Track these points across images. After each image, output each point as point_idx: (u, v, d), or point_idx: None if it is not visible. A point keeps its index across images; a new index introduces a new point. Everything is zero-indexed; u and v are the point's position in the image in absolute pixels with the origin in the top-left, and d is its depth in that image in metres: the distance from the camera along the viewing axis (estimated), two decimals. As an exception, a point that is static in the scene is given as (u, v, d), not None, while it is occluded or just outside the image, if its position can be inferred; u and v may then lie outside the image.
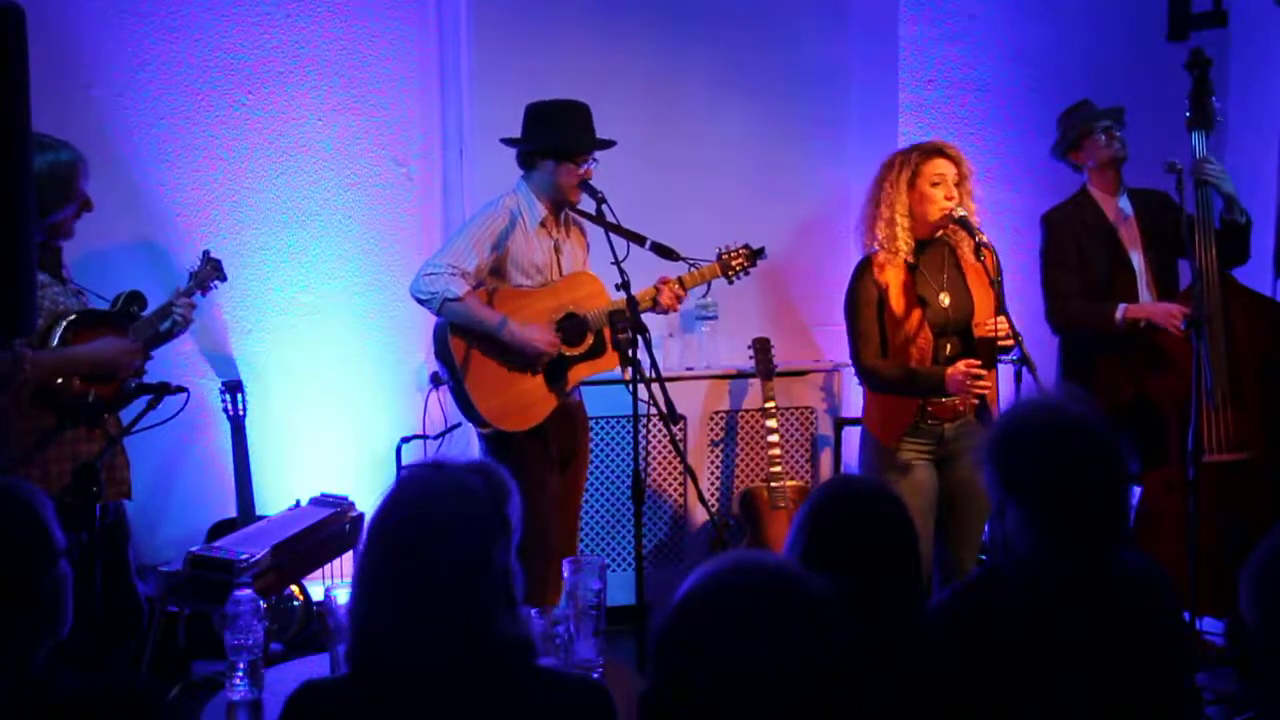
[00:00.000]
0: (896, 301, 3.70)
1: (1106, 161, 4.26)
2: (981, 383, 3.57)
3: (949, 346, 3.72)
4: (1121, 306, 4.14)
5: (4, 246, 2.11)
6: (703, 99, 5.05)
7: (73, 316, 3.34)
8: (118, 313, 3.52)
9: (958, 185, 3.69)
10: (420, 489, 1.85)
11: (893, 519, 2.11)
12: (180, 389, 3.29)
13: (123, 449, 3.48)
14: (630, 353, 3.50)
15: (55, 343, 3.29)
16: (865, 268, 3.76)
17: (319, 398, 4.72)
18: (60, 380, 3.27)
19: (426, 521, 1.80)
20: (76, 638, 1.94)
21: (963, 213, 3.65)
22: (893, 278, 3.71)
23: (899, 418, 3.71)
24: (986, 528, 3.93)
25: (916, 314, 3.69)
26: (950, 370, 3.60)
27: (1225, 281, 4.13)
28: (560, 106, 3.92)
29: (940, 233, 3.75)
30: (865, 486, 2.22)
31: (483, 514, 1.82)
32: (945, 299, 3.72)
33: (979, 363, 3.59)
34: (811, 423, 5.04)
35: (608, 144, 3.95)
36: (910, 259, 3.71)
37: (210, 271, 3.91)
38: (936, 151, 3.72)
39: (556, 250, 3.97)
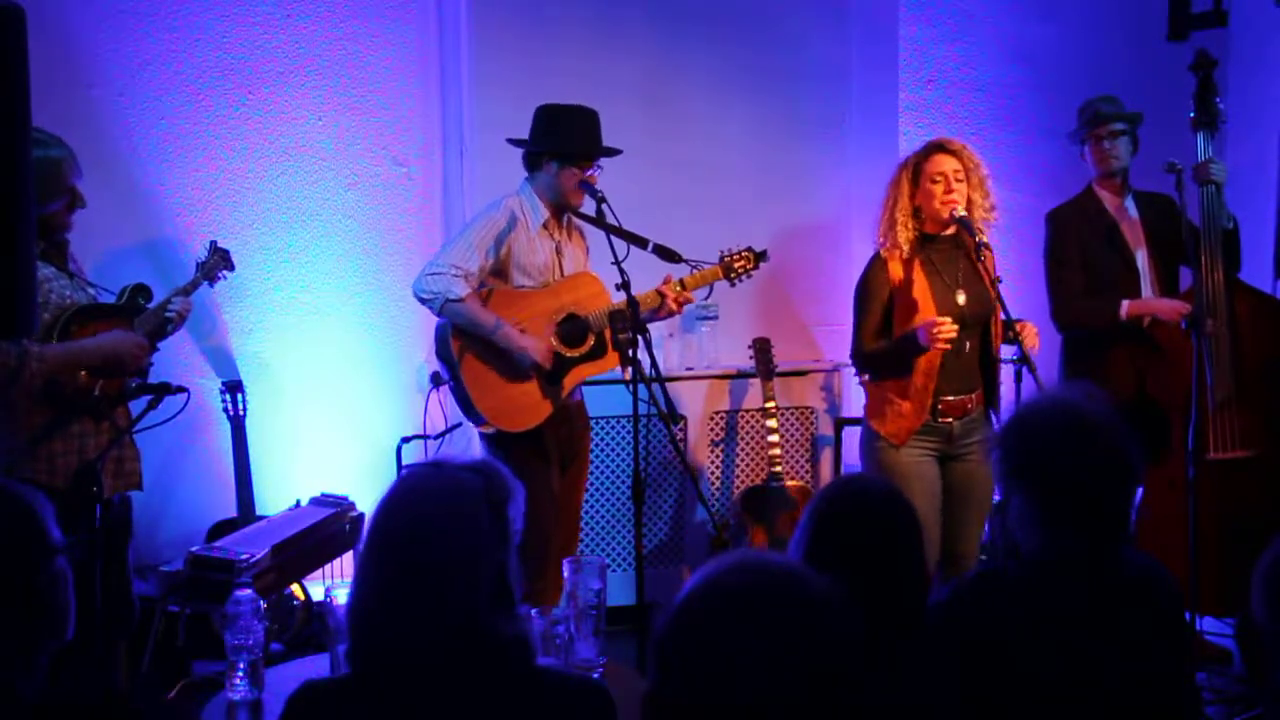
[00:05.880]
0: (912, 295, 3.70)
1: (1102, 169, 4.27)
2: (946, 329, 3.55)
3: (967, 344, 3.73)
4: (1125, 302, 4.15)
5: (4, 245, 2.10)
6: (703, 100, 5.05)
7: (77, 308, 3.32)
8: (124, 305, 3.50)
9: (962, 180, 3.69)
10: (419, 488, 1.85)
11: (899, 520, 2.11)
12: (181, 389, 3.28)
13: (132, 440, 3.46)
14: (630, 353, 3.50)
15: (57, 335, 3.27)
16: (877, 263, 3.80)
17: (319, 398, 4.71)
18: (65, 376, 3.25)
19: (425, 521, 1.80)
20: (73, 638, 1.93)
21: (962, 213, 3.66)
22: (908, 273, 3.72)
23: (914, 416, 3.71)
24: (986, 525, 3.93)
25: (931, 309, 3.68)
26: (918, 326, 3.61)
27: (1231, 282, 4.13)
28: (570, 110, 3.92)
29: (951, 229, 3.75)
30: (872, 487, 2.21)
31: (481, 513, 1.82)
32: (961, 296, 3.72)
33: (944, 319, 3.59)
34: (812, 423, 5.04)
35: (613, 152, 3.95)
36: (908, 256, 3.72)
37: (218, 261, 3.90)
38: (937, 148, 3.75)
39: (558, 252, 3.97)
